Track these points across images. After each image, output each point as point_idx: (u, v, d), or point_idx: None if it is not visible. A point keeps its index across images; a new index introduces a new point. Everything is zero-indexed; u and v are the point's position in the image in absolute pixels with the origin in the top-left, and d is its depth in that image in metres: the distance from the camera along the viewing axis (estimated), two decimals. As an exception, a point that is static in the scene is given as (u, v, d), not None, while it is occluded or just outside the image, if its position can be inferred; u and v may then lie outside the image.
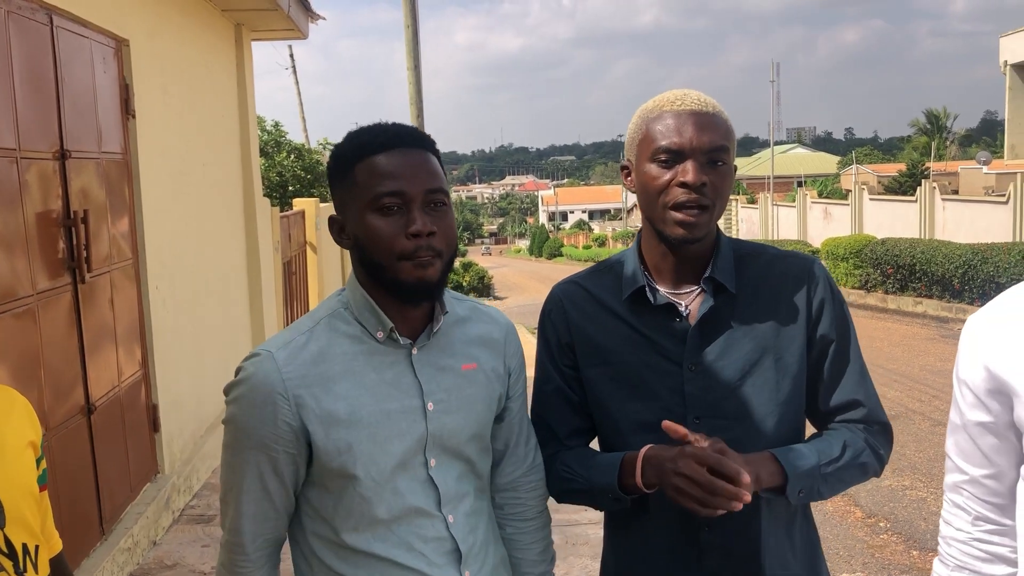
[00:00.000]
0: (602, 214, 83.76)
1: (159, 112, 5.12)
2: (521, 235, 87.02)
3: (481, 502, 1.62)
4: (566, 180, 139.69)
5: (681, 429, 1.46)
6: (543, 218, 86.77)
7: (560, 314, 1.71)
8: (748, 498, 1.40)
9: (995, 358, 1.42)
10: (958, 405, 1.51)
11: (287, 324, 8.71)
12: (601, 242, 53.25)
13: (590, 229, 67.95)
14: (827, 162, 61.23)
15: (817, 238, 22.94)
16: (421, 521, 1.51)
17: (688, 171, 1.51)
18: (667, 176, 1.54)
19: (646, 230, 1.66)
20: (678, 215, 1.53)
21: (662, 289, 1.63)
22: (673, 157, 1.54)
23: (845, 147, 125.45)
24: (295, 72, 24.72)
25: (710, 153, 1.53)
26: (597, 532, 4.78)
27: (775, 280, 1.62)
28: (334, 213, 1.55)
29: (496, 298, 24.43)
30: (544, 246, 57.67)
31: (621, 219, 64.54)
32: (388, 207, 1.44)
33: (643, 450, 1.53)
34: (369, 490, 1.47)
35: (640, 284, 1.63)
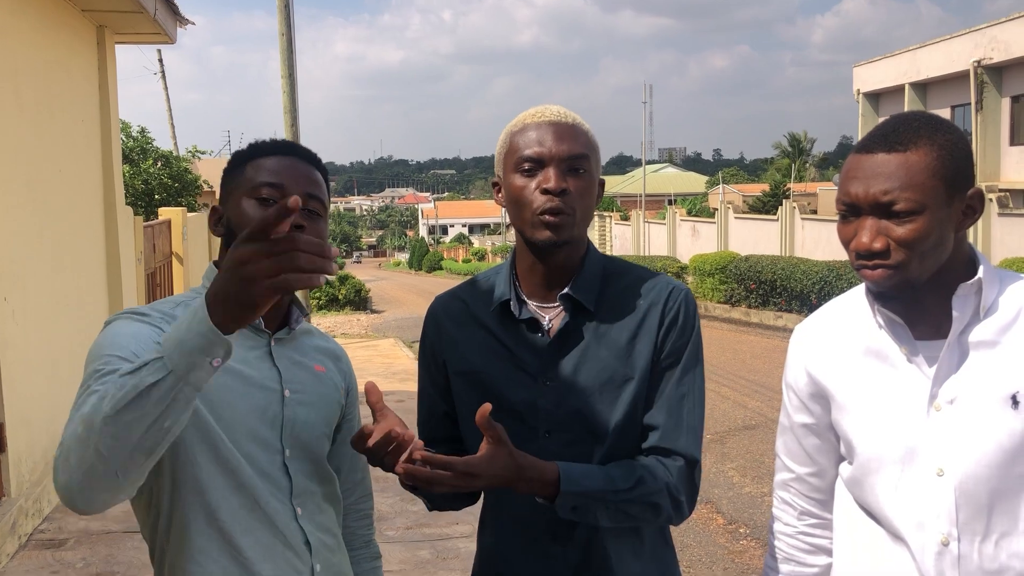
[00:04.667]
0: (482, 228, 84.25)
1: (11, 113, 4.86)
2: (401, 248, 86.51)
3: (330, 509, 1.65)
4: (446, 194, 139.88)
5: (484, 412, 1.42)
6: (423, 231, 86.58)
7: (435, 326, 1.75)
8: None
9: (815, 364, 1.54)
10: (785, 408, 1.63)
11: (151, 338, 8.37)
12: (481, 256, 53.54)
13: (470, 243, 68.21)
14: (696, 181, 63.67)
15: (686, 254, 23.78)
16: (275, 504, 1.52)
17: (550, 177, 1.56)
18: (532, 184, 1.58)
19: (518, 243, 1.69)
20: (545, 218, 1.57)
21: (530, 303, 1.67)
22: (535, 166, 1.58)
23: (713, 167, 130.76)
24: (164, 77, 23.86)
25: (569, 160, 1.58)
26: (468, 546, 4.80)
27: (634, 301, 1.65)
28: (215, 205, 1.62)
29: (374, 311, 24.14)
30: (424, 259, 57.51)
31: (500, 233, 65.08)
32: (266, 198, 1.51)
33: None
34: (231, 455, 1.47)
35: (506, 297, 1.66)
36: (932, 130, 1.37)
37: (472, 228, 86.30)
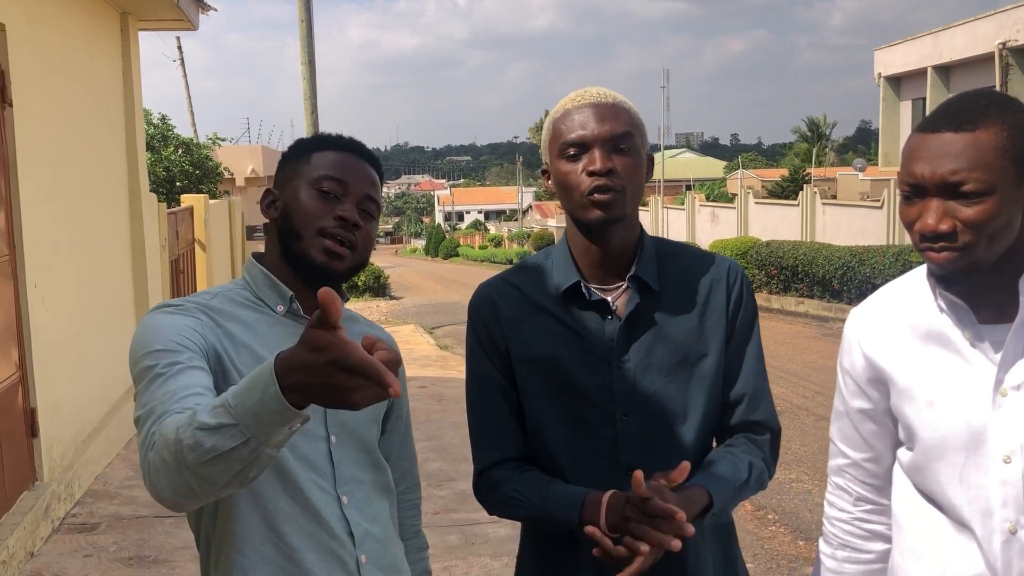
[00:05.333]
0: (498, 215, 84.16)
1: (39, 101, 4.87)
2: (417, 235, 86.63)
3: (382, 499, 1.62)
4: (462, 180, 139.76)
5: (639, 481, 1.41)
6: (439, 218, 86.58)
7: (491, 313, 1.71)
8: (688, 531, 1.40)
9: (873, 349, 1.51)
10: (841, 393, 1.60)
11: (175, 324, 8.42)
12: (497, 242, 53.52)
13: (486, 229, 68.20)
14: (714, 167, 63.28)
15: (705, 240, 23.66)
16: (318, 492, 1.50)
17: (595, 159, 1.56)
18: (578, 167, 1.58)
19: (570, 228, 1.69)
20: (594, 197, 1.57)
21: (592, 286, 1.67)
22: (579, 149, 1.58)
23: (731, 152, 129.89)
24: (183, 64, 23.91)
25: (613, 140, 1.58)
26: (497, 530, 4.80)
27: (697, 280, 1.67)
28: (270, 188, 1.62)
29: (393, 298, 24.19)
30: (440, 246, 57.54)
31: (517, 220, 65.00)
32: (327, 191, 1.53)
33: (607, 496, 1.50)
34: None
35: (576, 280, 1.65)
36: (1001, 108, 1.33)
37: (488, 214, 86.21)
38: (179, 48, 24.06)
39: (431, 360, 11.17)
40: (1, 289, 4.31)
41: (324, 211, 1.51)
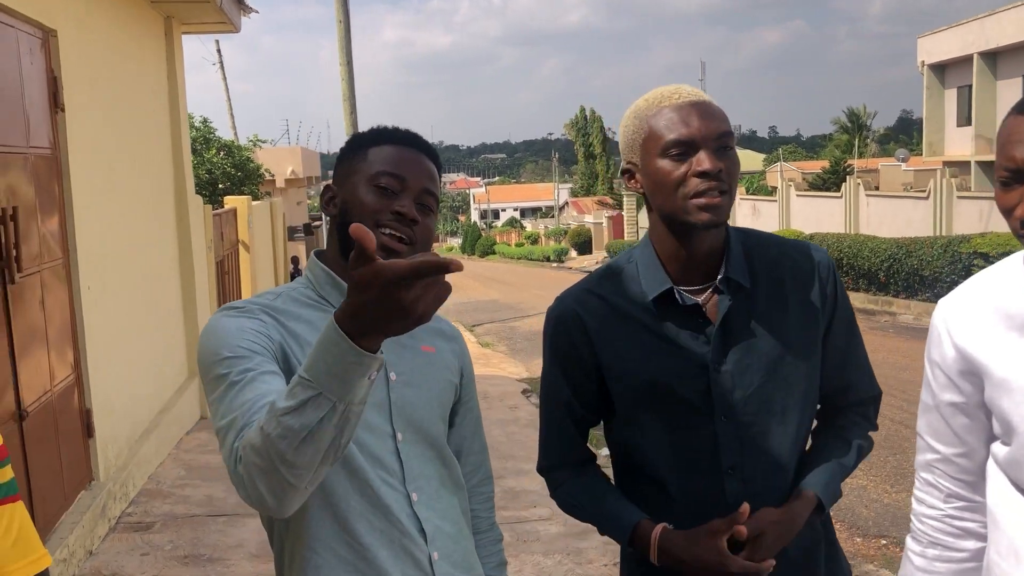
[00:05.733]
0: (534, 212, 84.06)
1: (89, 106, 4.93)
2: (453, 233, 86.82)
3: (451, 495, 1.60)
4: (497, 178, 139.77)
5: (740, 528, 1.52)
6: (475, 216, 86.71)
7: (577, 327, 1.67)
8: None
9: (966, 340, 1.45)
10: (930, 386, 1.54)
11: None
12: (534, 240, 53.47)
13: (522, 227, 68.14)
14: (753, 159, 62.56)
15: (746, 234, 23.37)
16: (387, 490, 1.49)
17: (704, 160, 1.51)
18: (682, 169, 1.53)
19: (657, 230, 1.64)
20: (701, 200, 1.52)
21: (682, 289, 1.63)
22: (685, 149, 1.53)
23: (769, 145, 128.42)
24: (222, 67, 24.20)
25: (719, 139, 1.54)
26: (548, 528, 4.78)
27: (788, 273, 1.64)
28: (328, 184, 1.61)
29: (431, 296, 24.24)
30: (476, 244, 57.61)
31: (553, 216, 64.90)
32: (385, 187, 1.51)
33: (657, 533, 1.57)
34: None
35: (668, 286, 1.61)
36: None
37: (524, 212, 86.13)
38: (218, 51, 24.35)
39: (474, 358, 11.06)
40: (56, 292, 4.37)
41: (381, 205, 1.50)
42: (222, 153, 15.12)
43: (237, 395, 1.30)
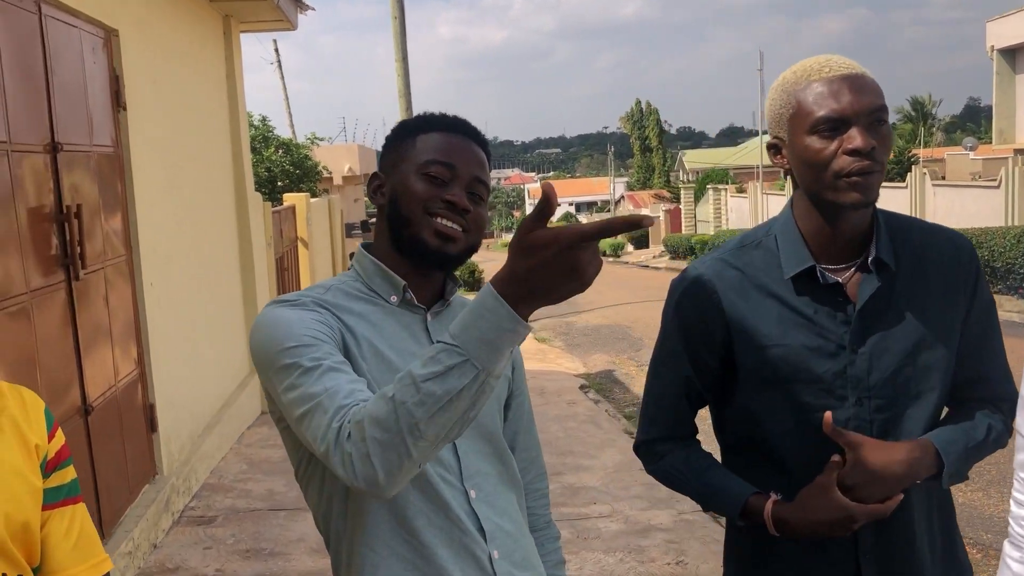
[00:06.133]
0: (589, 206, 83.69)
1: (150, 104, 4.99)
2: (507, 229, 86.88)
3: (509, 492, 1.55)
4: (552, 173, 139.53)
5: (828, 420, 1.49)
6: (529, 211, 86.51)
7: (708, 298, 1.63)
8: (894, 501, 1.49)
9: None
10: None
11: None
12: (589, 234, 53.02)
13: (578, 221, 67.74)
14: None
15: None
16: (446, 487, 1.44)
17: (855, 137, 1.46)
18: (832, 146, 1.48)
19: (801, 206, 1.60)
20: (853, 179, 1.47)
21: (823, 266, 1.59)
22: (835, 125, 1.47)
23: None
24: (280, 66, 24.50)
25: (872, 114, 1.47)
26: (608, 526, 4.70)
27: (932, 257, 1.60)
28: (376, 171, 1.56)
29: (487, 292, 24.25)
30: (532, 239, 57.39)
31: (609, 211, 64.51)
32: (435, 176, 1.46)
33: (770, 509, 1.55)
34: None
35: (811, 263, 1.57)
36: None
37: (579, 206, 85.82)
38: (276, 51, 24.67)
39: (530, 353, 11.11)
40: (120, 288, 4.43)
41: (432, 193, 1.46)
42: (281, 151, 15.29)
43: (318, 380, 1.27)
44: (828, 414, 1.47)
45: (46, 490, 1.25)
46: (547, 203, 1.05)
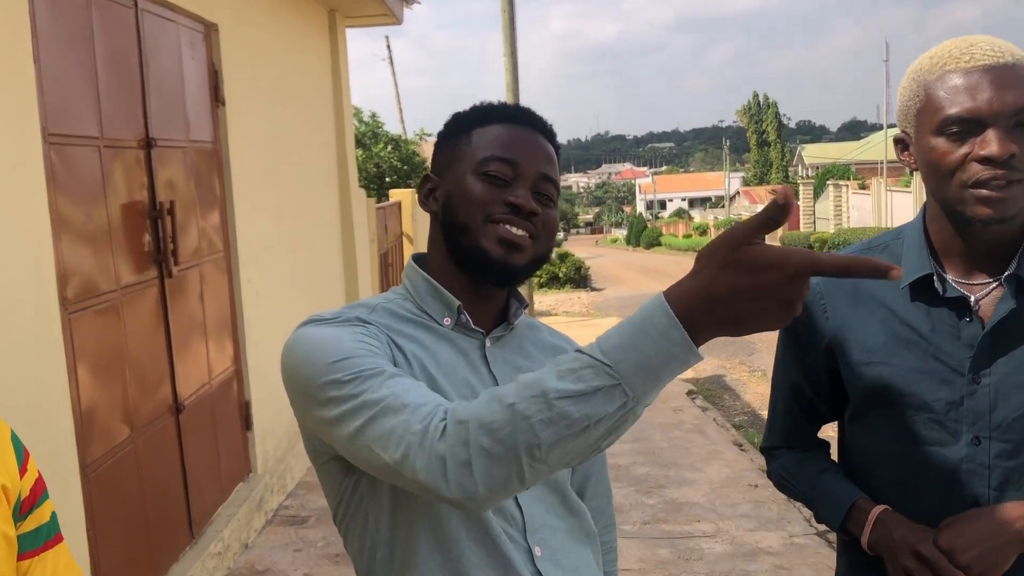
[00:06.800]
0: (703, 202, 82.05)
1: (250, 100, 4.96)
2: (618, 224, 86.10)
3: (582, 547, 1.33)
4: (664, 168, 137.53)
5: None
6: (640, 207, 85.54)
7: (817, 302, 1.45)
8: None
9: None
10: None
11: (383, 317, 8.57)
12: (703, 231, 52.08)
13: (690, 218, 66.60)
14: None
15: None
16: (507, 541, 1.24)
17: (990, 142, 1.23)
18: (962, 151, 1.26)
19: (933, 209, 1.39)
20: (982, 192, 1.25)
21: (950, 278, 1.36)
22: (967, 127, 1.25)
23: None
24: (391, 62, 24.81)
25: (1016, 115, 1.24)
26: (712, 547, 4.40)
27: None
28: (428, 173, 1.36)
29: (594, 289, 23.98)
30: (642, 236, 56.72)
31: (723, 207, 63.03)
32: (495, 175, 1.26)
33: (876, 511, 1.38)
34: None
35: (927, 271, 1.36)
36: None
37: (692, 202, 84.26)
38: (388, 47, 24.99)
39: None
40: (217, 284, 4.41)
41: (491, 196, 1.25)
42: (389, 147, 15.43)
43: (382, 385, 1.08)
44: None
45: (22, 537, 1.07)
46: (781, 213, 0.87)
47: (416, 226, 10.79)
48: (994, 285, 1.34)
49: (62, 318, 2.87)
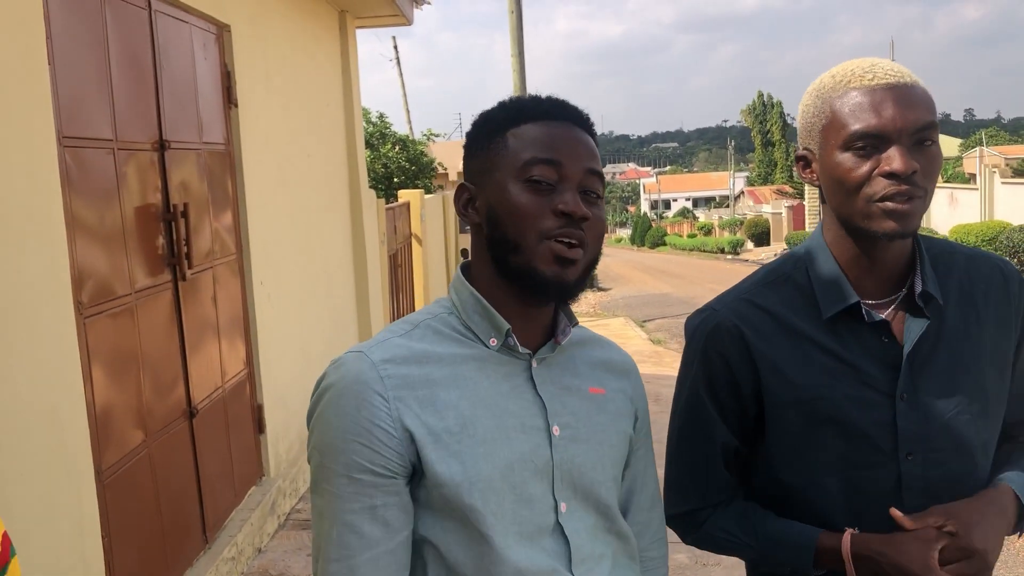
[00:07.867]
0: (707, 202, 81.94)
1: (262, 101, 4.93)
2: (622, 224, 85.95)
3: (627, 571, 1.28)
4: (668, 167, 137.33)
5: (898, 516, 1.34)
6: (645, 207, 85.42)
7: (734, 346, 1.41)
8: None
9: None
10: None
11: (393, 318, 8.55)
12: (707, 231, 52.01)
13: (695, 217, 66.48)
14: (947, 145, 58.10)
15: (943, 225, 21.64)
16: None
17: (894, 158, 1.26)
18: (867, 167, 1.29)
19: (832, 231, 1.39)
20: (888, 204, 1.27)
21: (863, 302, 1.39)
22: (873, 143, 1.28)
23: (965, 129, 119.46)
24: (399, 63, 24.78)
25: (917, 133, 1.28)
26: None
27: (980, 287, 1.42)
28: (463, 182, 1.28)
29: (601, 289, 23.92)
30: (647, 235, 56.61)
31: (728, 207, 62.91)
32: (539, 180, 1.19)
33: (846, 541, 1.35)
34: (489, 527, 1.14)
35: (854, 300, 1.36)
36: None
37: (696, 202, 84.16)
38: (395, 48, 24.98)
39: (644, 356, 10.76)
40: (229, 288, 4.38)
41: (541, 208, 1.18)
42: (397, 148, 15.40)
43: (356, 528, 1.13)
44: (894, 510, 1.32)
45: None
46: None
47: (425, 227, 10.75)
48: (895, 302, 1.37)
49: (77, 322, 2.84)
